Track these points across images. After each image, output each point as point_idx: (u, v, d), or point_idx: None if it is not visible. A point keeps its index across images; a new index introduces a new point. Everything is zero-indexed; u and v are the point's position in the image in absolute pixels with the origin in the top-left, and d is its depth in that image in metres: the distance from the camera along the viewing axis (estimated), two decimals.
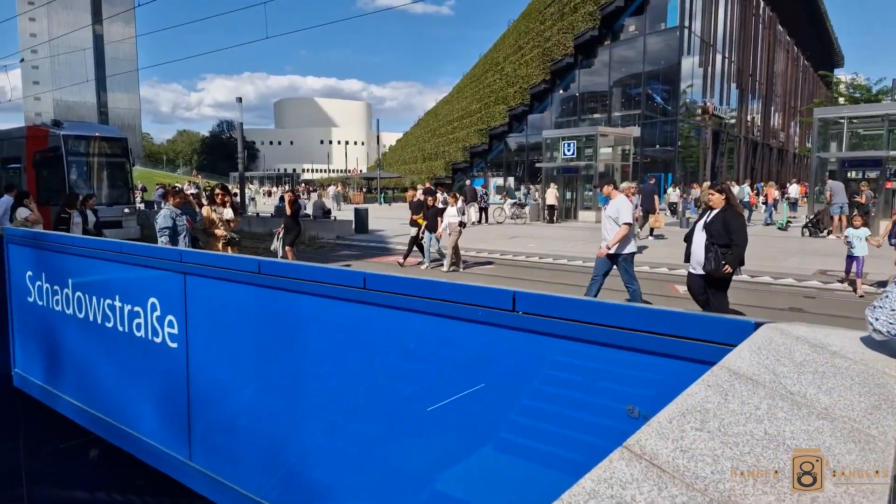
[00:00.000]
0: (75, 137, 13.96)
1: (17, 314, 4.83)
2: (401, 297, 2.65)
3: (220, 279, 3.46)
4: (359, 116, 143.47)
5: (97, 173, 14.41)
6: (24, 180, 13.98)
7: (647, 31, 33.54)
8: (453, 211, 11.60)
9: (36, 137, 14.24)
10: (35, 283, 4.72)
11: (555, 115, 39.24)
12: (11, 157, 15.35)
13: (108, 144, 14.50)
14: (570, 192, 24.10)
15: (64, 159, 13.60)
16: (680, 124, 32.93)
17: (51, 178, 13.87)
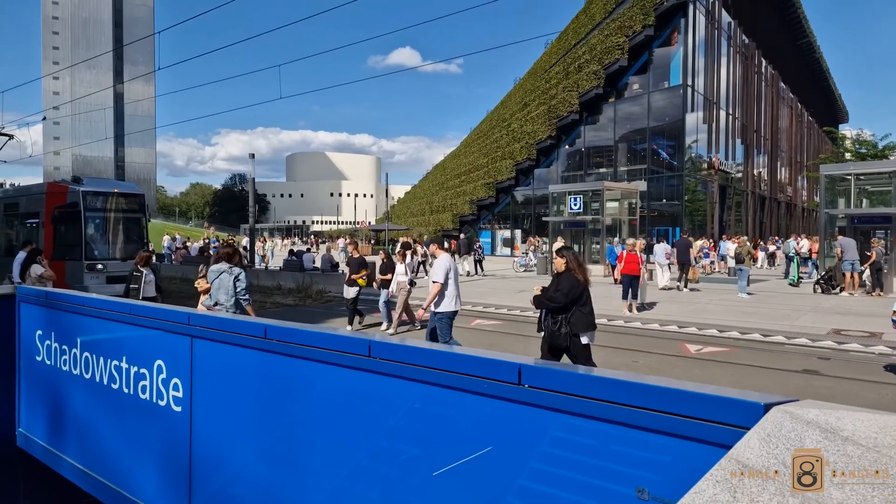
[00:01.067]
0: (93, 193, 14.16)
1: (25, 374, 4.83)
2: (406, 366, 2.63)
3: (227, 343, 3.46)
4: (368, 169, 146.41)
5: (113, 229, 14.55)
6: (41, 236, 14.23)
7: (651, 89, 34.43)
8: (402, 269, 11.37)
9: (55, 194, 14.47)
10: (44, 342, 4.74)
11: (561, 170, 39.85)
12: (30, 213, 15.50)
13: (125, 200, 14.69)
14: (578, 245, 24.19)
15: (82, 215, 13.75)
16: (686, 179, 33.30)
17: (67, 234, 14.04)
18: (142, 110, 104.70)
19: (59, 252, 14.01)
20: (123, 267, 13.63)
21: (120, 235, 14.71)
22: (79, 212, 13.72)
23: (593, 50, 35.63)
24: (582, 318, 5.67)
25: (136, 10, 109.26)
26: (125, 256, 14.19)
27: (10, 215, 16.76)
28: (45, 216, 14.33)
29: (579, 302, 5.70)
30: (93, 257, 13.77)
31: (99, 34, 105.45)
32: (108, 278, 13.73)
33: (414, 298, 15.38)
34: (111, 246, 14.36)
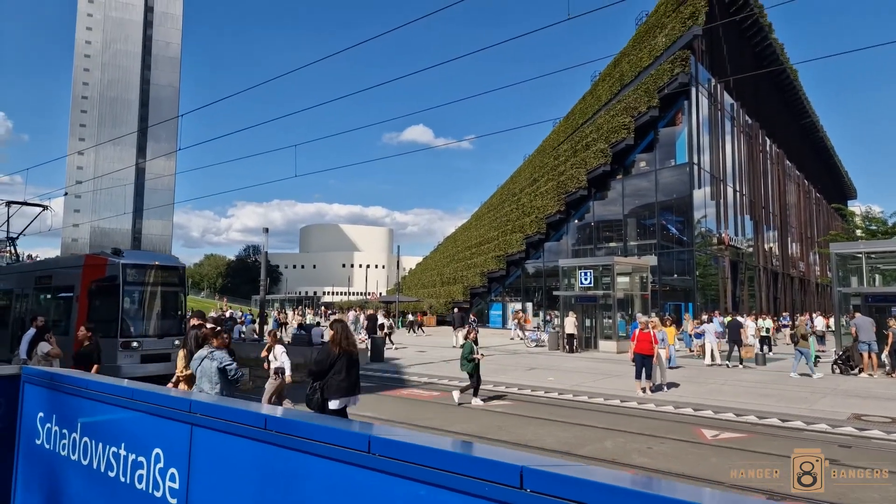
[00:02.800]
0: (133, 266, 13.44)
1: (24, 458, 4.75)
2: (406, 464, 2.56)
3: (227, 432, 3.40)
4: (380, 241, 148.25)
5: (151, 304, 13.71)
6: (74, 311, 13.48)
7: (658, 166, 35.14)
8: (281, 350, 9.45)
9: (94, 266, 13.71)
10: (45, 424, 4.69)
11: (571, 243, 40.11)
12: (64, 287, 14.68)
13: (165, 274, 13.99)
14: (590, 320, 23.94)
15: (121, 289, 13.03)
16: (696, 254, 33.31)
17: (102, 309, 13.25)
18: (162, 185, 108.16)
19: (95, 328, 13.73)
20: (159, 345, 13.11)
21: (158, 311, 13.83)
22: (117, 286, 13.02)
23: (600, 129, 36.74)
24: (334, 384, 6.27)
25: (162, 90, 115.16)
26: (162, 333, 13.49)
27: (41, 289, 15.95)
28: (80, 290, 13.56)
29: (332, 371, 6.30)
30: (128, 334, 12.95)
31: (125, 113, 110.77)
32: (142, 357, 12.92)
33: (430, 375, 15.14)
34: (148, 322, 13.52)
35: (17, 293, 16.75)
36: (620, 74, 38.08)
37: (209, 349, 6.28)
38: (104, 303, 13.31)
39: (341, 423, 3.15)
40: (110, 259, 13.45)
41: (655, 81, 32.88)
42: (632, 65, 36.77)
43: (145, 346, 13.01)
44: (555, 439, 8.60)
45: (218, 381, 6.08)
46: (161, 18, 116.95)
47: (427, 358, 20.21)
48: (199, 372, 6.18)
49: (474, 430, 9.14)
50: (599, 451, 8.04)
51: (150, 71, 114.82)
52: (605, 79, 41.72)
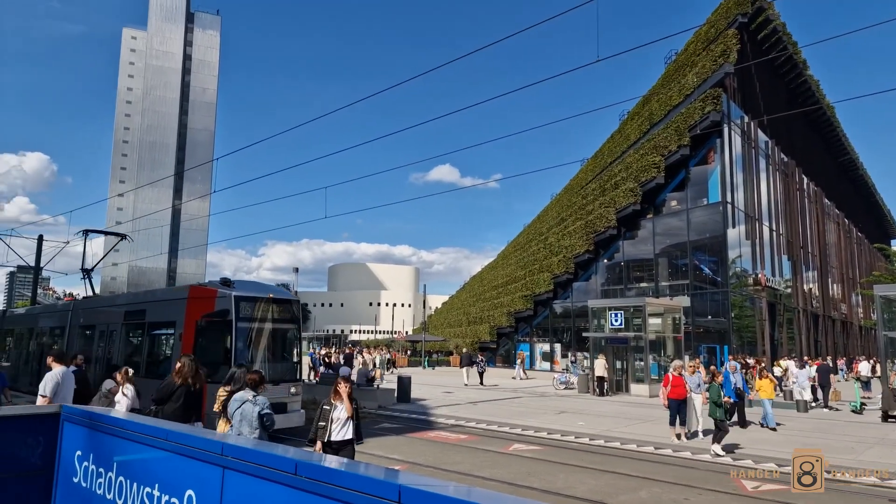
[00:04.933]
0: (247, 299, 11.51)
1: (61, 495, 4.83)
2: None
3: (258, 476, 3.43)
4: (407, 280, 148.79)
5: (266, 343, 11.79)
6: (176, 351, 11.68)
7: (690, 205, 34.71)
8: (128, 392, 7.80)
9: (201, 299, 11.85)
10: (82, 463, 4.79)
11: (600, 283, 39.59)
12: (162, 323, 13.01)
13: (279, 308, 12.08)
14: (621, 362, 23.41)
15: (233, 326, 11.10)
16: (731, 294, 32.49)
17: (210, 348, 11.50)
18: (196, 225, 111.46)
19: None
20: (276, 393, 10.96)
21: (274, 352, 12.04)
22: (229, 321, 11.15)
23: (629, 168, 36.66)
24: (169, 410, 6.90)
25: (198, 134, 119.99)
26: (277, 378, 11.55)
27: (132, 325, 14.11)
28: (183, 326, 11.76)
29: (171, 398, 7.05)
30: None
31: (163, 156, 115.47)
32: None
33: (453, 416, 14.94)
34: (263, 365, 11.46)
35: (101, 330, 15.18)
36: (650, 113, 38.18)
37: (252, 393, 6.20)
38: (212, 341, 11.54)
39: (371, 470, 3.15)
40: (220, 290, 11.57)
41: (686, 120, 32.83)
42: (661, 103, 36.86)
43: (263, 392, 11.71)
44: (587, 487, 8.35)
45: (257, 426, 6.00)
46: (198, 66, 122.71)
47: (454, 399, 19.97)
48: (239, 415, 6.07)
49: (503, 477, 8.94)
50: (634, 501, 7.77)
51: (187, 116, 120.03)
52: (634, 118, 41.84)
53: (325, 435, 6.83)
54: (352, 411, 6.94)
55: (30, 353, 19.59)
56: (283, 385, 11.60)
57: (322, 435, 6.84)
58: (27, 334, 20.87)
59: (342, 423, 6.92)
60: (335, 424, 6.88)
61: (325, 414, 6.91)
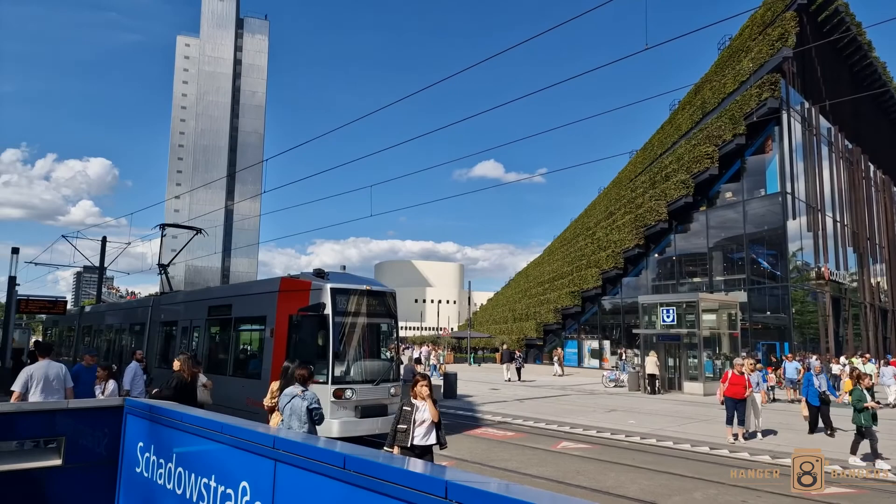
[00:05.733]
0: (344, 292, 10.59)
1: (125, 484, 5.07)
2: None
3: (307, 470, 3.49)
4: (452, 277, 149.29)
5: (364, 339, 10.93)
6: (267, 348, 11.00)
7: (746, 196, 33.36)
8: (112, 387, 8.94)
9: (293, 291, 10.93)
10: (144, 454, 5.00)
11: (651, 278, 38.58)
12: (250, 318, 12.23)
13: (375, 301, 11.12)
14: (673, 360, 22.77)
15: (330, 320, 10.22)
16: (792, 289, 31.08)
17: (305, 347, 10.54)
18: (248, 225, 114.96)
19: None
20: (376, 394, 10.28)
21: (370, 348, 11.19)
22: (325, 316, 10.24)
23: (681, 159, 35.56)
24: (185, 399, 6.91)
25: (248, 137, 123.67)
26: (376, 377, 10.59)
27: (217, 321, 13.41)
28: (274, 322, 11.00)
29: (187, 391, 7.47)
30: (342, 380, 10.12)
31: (216, 158, 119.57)
32: (360, 409, 10.04)
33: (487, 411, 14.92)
34: (362, 364, 10.66)
35: (183, 326, 14.60)
36: (702, 102, 36.92)
37: (301, 388, 6.34)
38: (307, 337, 10.62)
39: (418, 465, 3.16)
40: (315, 282, 10.69)
41: (741, 107, 31.56)
42: (715, 91, 35.58)
43: (360, 394, 10.12)
44: (638, 487, 8.16)
45: (306, 420, 6.16)
46: (248, 70, 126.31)
47: (500, 396, 19.90)
48: (289, 410, 6.23)
49: (551, 475, 8.84)
50: (687, 502, 7.54)
51: (237, 119, 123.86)
52: (686, 107, 40.56)
53: (408, 439, 6.30)
54: (437, 415, 6.38)
55: (111, 350, 19.49)
56: (383, 386, 10.51)
57: (403, 439, 6.31)
58: (105, 330, 21.03)
59: (426, 426, 6.35)
60: (418, 427, 6.34)
61: (407, 415, 6.37)
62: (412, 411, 6.34)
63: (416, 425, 6.33)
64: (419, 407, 6.37)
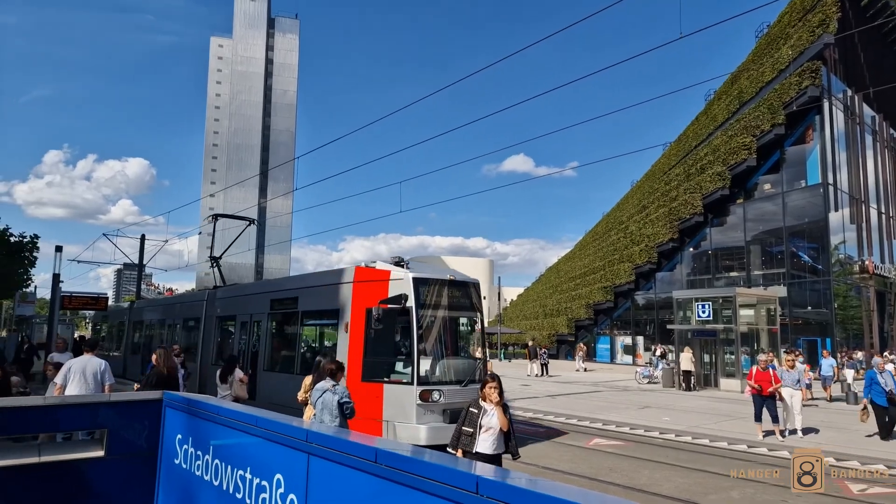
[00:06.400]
0: (427, 282, 9.66)
1: (164, 475, 5.21)
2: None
3: (339, 463, 3.52)
4: (481, 272, 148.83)
5: (450, 335, 10.01)
6: (341, 344, 10.01)
7: (786, 188, 32.37)
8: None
9: (371, 282, 9.92)
10: (182, 446, 5.13)
11: (685, 273, 37.81)
12: (321, 312, 11.31)
13: (460, 293, 10.15)
14: (709, 356, 22.28)
15: (413, 314, 9.24)
16: (834, 283, 30.05)
17: (386, 340, 9.81)
18: (280, 222, 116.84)
19: (371, 370, 9.52)
20: (463, 396, 8.98)
21: (457, 346, 10.34)
22: (408, 309, 9.29)
23: (717, 151, 34.70)
24: None
25: (280, 135, 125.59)
26: (462, 378, 9.51)
27: (282, 315, 12.54)
28: (349, 315, 9.98)
29: (169, 384, 7.59)
30: (428, 381, 9.12)
31: (249, 157, 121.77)
32: (448, 413, 9.01)
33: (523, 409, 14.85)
34: (449, 362, 9.65)
35: (242, 321, 13.81)
36: (739, 91, 35.92)
37: (331, 383, 6.43)
38: (387, 333, 9.75)
39: (449, 460, 3.16)
40: (394, 271, 9.76)
41: (780, 97, 30.59)
42: (752, 80, 34.58)
43: (448, 396, 9.10)
44: (673, 485, 8.02)
45: (337, 414, 6.24)
46: (279, 69, 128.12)
47: (531, 392, 19.82)
48: (321, 404, 6.33)
49: (584, 472, 8.76)
50: (724, 500, 7.38)
51: (269, 118, 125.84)
52: (722, 97, 39.55)
53: (472, 444, 5.74)
54: (507, 423, 5.80)
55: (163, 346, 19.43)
56: (471, 387, 9.15)
57: (468, 443, 5.76)
58: (157, 326, 20.39)
59: (493, 433, 5.77)
60: (484, 432, 5.77)
61: (473, 418, 5.82)
62: (479, 415, 5.77)
63: (482, 431, 5.74)
64: (487, 411, 5.78)
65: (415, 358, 9.06)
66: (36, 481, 4.36)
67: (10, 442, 4.63)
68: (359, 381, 9.26)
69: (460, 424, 5.95)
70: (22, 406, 4.88)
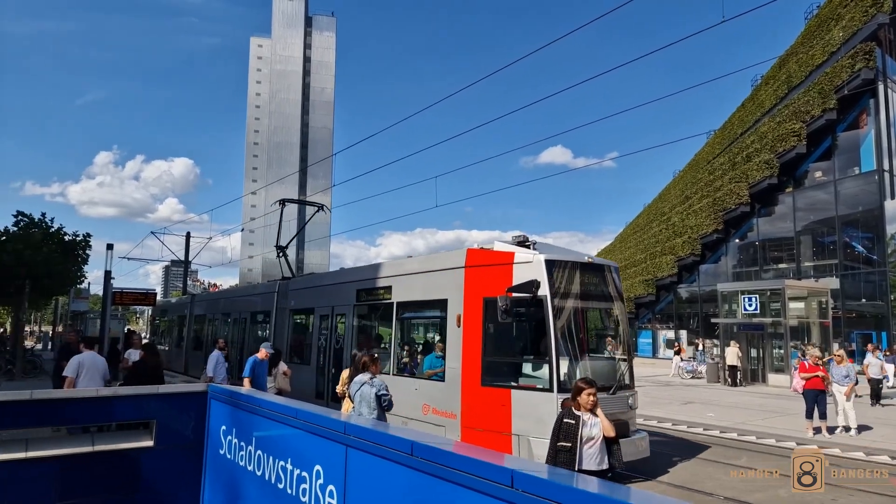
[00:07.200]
0: (562, 265, 7.97)
1: (210, 465, 5.39)
2: (548, 502, 2.48)
3: (377, 455, 3.57)
4: None
5: (591, 329, 8.69)
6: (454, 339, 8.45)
7: (838, 176, 31.02)
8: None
9: (490, 267, 8.29)
10: (227, 437, 5.29)
11: (731, 265, 36.69)
12: (420, 303, 9.86)
13: (599, 279, 8.45)
14: (756, 350, 21.62)
15: (549, 305, 7.58)
16: (890, 275, 28.66)
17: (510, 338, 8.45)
18: (319, 218, 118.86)
19: (495, 372, 8.01)
20: (614, 406, 7.45)
21: (600, 344, 8.90)
22: (541, 300, 7.64)
23: (764, 138, 33.49)
24: None
25: (318, 132, 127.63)
26: (613, 384, 7.88)
27: (370, 307, 11.11)
28: (461, 306, 8.42)
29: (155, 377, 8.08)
30: (569, 386, 6.80)
31: (288, 154, 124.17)
32: None
33: None
34: (593, 365, 8.04)
35: (321, 314, 12.42)
36: (787, 76, 34.56)
37: (369, 376, 6.51)
38: (513, 328, 8.28)
39: (484, 454, 3.16)
40: (520, 252, 8.08)
41: (832, 80, 29.29)
42: (801, 64, 33.21)
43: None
44: (716, 483, 7.82)
45: (375, 406, 6.33)
46: (317, 67, 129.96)
47: None
48: (359, 397, 6.42)
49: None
50: (772, 499, 7.16)
51: (308, 115, 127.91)
52: (769, 82, 38.14)
53: (574, 461, 4.94)
54: (612, 430, 5.10)
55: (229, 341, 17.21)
56: (621, 395, 7.89)
57: (567, 460, 4.97)
58: (221, 320, 19.60)
59: (597, 445, 5.01)
60: (586, 447, 4.98)
61: (570, 430, 5.02)
62: (577, 426, 4.99)
63: (584, 444, 4.97)
64: (586, 421, 5.03)
65: (553, 358, 7.42)
66: (90, 469, 4.57)
67: (66, 432, 4.86)
68: (477, 386, 7.89)
69: (555, 439, 5.12)
70: (79, 398, 5.11)
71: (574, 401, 5.15)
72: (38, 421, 4.85)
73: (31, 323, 59.74)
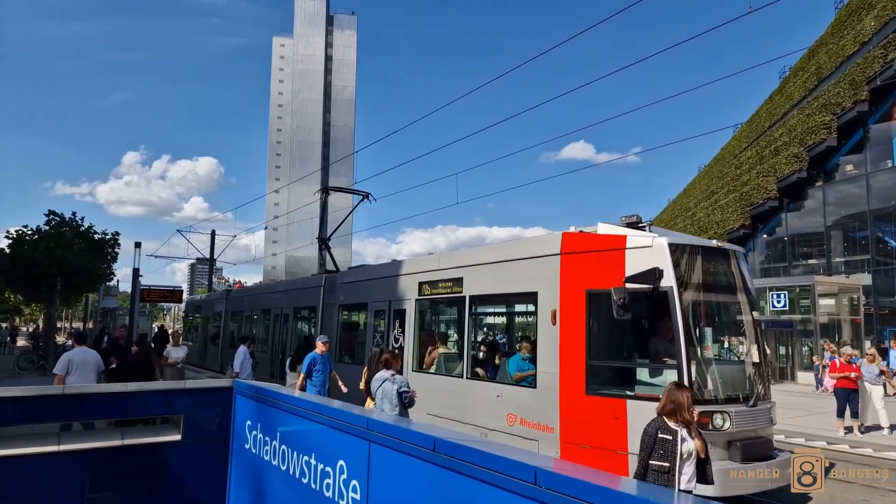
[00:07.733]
0: (688, 250, 6.66)
1: (236, 459, 5.46)
2: (570, 499, 2.45)
3: (400, 451, 3.58)
4: None
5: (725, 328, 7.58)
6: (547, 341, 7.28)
7: (870, 169, 30.22)
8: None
9: (593, 253, 7.04)
10: (252, 431, 5.36)
11: (759, 260, 36.00)
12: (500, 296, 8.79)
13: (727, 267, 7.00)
14: (784, 348, 21.19)
15: (675, 298, 6.28)
16: None
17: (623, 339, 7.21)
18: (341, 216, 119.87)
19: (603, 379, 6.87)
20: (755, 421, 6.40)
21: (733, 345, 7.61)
22: (664, 293, 6.35)
23: (793, 131, 32.77)
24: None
25: (340, 131, 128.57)
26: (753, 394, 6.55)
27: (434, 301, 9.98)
28: (557, 299, 7.21)
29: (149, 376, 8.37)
30: (702, 397, 6.11)
31: (311, 153, 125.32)
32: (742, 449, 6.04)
33: None
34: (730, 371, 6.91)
35: (375, 309, 11.27)
36: (817, 67, 33.73)
37: (391, 372, 6.55)
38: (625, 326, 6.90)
39: (508, 451, 3.15)
40: (634, 236, 6.76)
41: (863, 71, 28.52)
42: (831, 55, 32.38)
43: (737, 422, 6.15)
44: None
45: (397, 403, 6.38)
46: (338, 66, 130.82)
47: None
48: (381, 393, 6.47)
49: None
50: (799, 498, 7.00)
51: (329, 114, 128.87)
52: (798, 74, 37.28)
53: (672, 482, 4.17)
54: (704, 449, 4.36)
55: (271, 339, 17.09)
56: (762, 407, 6.59)
57: (665, 481, 4.16)
58: (260, 316, 18.76)
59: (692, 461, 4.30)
60: (686, 464, 4.26)
61: (668, 447, 4.24)
62: (675, 443, 4.21)
63: (684, 462, 4.22)
64: (685, 438, 4.27)
65: (683, 363, 6.06)
66: (119, 463, 4.67)
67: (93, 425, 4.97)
68: (581, 394, 6.67)
69: (646, 456, 4.31)
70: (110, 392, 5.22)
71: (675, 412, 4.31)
72: (70, 415, 4.96)
73: (63, 319, 61.40)
